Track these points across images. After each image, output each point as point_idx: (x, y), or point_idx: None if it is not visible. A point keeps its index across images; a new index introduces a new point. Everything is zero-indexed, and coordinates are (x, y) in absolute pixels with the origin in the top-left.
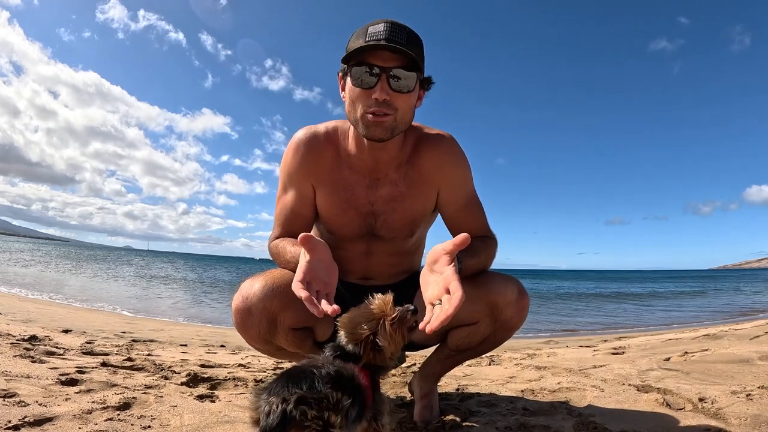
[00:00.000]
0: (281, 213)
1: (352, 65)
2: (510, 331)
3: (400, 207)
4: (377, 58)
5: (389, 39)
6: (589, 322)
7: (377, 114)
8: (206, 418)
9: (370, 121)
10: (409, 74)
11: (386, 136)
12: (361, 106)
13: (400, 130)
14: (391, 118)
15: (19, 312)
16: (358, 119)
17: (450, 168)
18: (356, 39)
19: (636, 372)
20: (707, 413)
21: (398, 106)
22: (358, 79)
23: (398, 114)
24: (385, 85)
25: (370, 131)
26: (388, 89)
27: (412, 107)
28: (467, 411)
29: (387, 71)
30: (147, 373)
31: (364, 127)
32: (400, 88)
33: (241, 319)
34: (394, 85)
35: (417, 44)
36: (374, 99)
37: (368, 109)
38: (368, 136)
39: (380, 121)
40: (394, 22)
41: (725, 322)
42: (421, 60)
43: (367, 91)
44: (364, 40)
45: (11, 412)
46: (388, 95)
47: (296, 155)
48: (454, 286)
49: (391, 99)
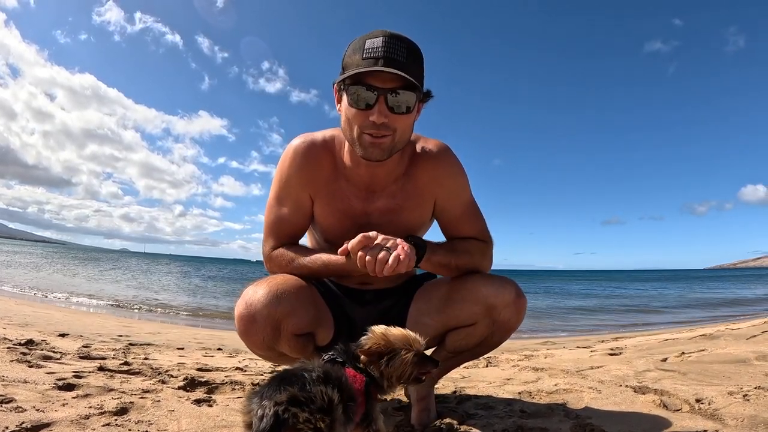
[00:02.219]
0: (276, 223)
1: (348, 83)
2: (508, 332)
3: (397, 219)
4: (375, 79)
5: (387, 56)
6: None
7: (375, 136)
8: (204, 422)
9: (368, 142)
10: (408, 94)
11: (384, 156)
12: (358, 127)
13: (398, 149)
14: (390, 139)
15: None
16: (355, 139)
17: (447, 179)
18: (353, 53)
19: (633, 373)
20: (704, 414)
21: (397, 127)
22: (355, 100)
23: (396, 134)
24: (383, 107)
25: (367, 152)
26: (386, 111)
27: (410, 126)
28: (464, 414)
29: (385, 92)
30: (144, 377)
31: (361, 148)
32: (399, 110)
33: (245, 326)
34: (392, 106)
35: (416, 58)
36: (372, 122)
37: (366, 130)
38: (365, 157)
39: (378, 142)
40: (392, 34)
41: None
42: (420, 77)
43: (365, 112)
44: (362, 56)
45: (8, 418)
46: (386, 117)
47: (293, 164)
48: None
49: (389, 121)
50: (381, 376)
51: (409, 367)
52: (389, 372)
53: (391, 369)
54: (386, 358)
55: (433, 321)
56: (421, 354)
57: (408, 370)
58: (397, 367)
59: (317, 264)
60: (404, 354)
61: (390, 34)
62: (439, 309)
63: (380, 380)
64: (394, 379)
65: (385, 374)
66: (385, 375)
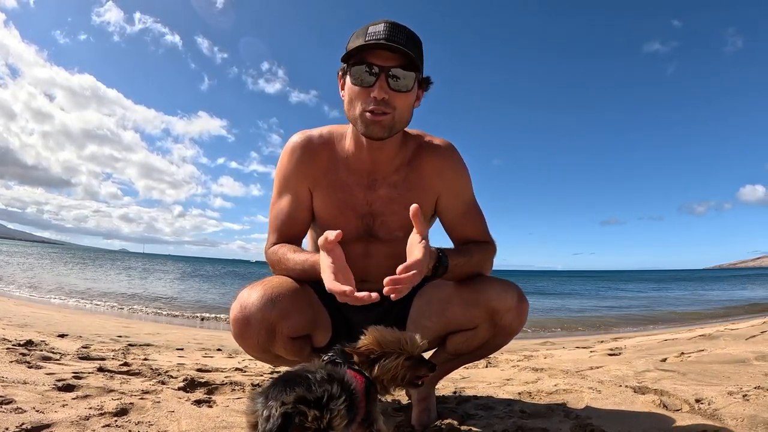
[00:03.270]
0: (276, 218)
1: (351, 64)
2: (509, 336)
3: (399, 209)
4: (376, 57)
5: (389, 39)
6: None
7: (375, 113)
8: (204, 423)
9: (369, 119)
10: (407, 74)
11: (384, 134)
12: (360, 105)
13: (398, 129)
14: (389, 117)
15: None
16: (357, 117)
17: (450, 174)
18: (356, 39)
19: (633, 373)
20: (704, 414)
21: (396, 105)
22: (357, 78)
23: (396, 113)
24: (384, 83)
25: (368, 129)
26: (387, 88)
27: (410, 106)
28: (465, 414)
29: (386, 70)
30: (144, 378)
31: (362, 125)
32: (398, 88)
33: (239, 329)
34: (392, 84)
35: (416, 44)
36: (373, 97)
37: (367, 108)
38: (367, 134)
39: (378, 119)
40: (393, 22)
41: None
42: (420, 60)
43: (366, 90)
44: (364, 40)
45: (8, 419)
46: (386, 94)
47: (291, 159)
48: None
49: (389, 98)
50: (375, 379)
51: (401, 370)
52: (380, 374)
53: (382, 371)
54: (378, 360)
55: (434, 323)
56: (415, 357)
57: (400, 374)
58: (388, 370)
59: (297, 270)
60: (395, 357)
61: (392, 22)
62: (440, 312)
63: (375, 382)
64: (386, 381)
65: (376, 376)
66: (377, 377)
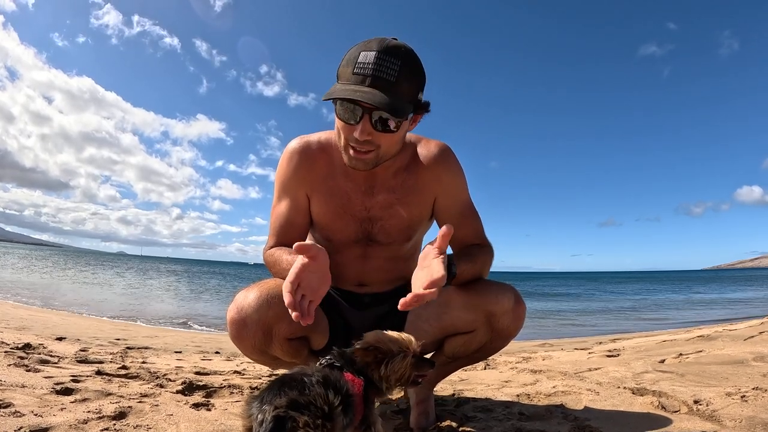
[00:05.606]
0: (276, 222)
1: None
2: (506, 339)
3: (398, 213)
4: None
5: (376, 75)
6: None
7: (359, 150)
8: (202, 426)
9: (352, 155)
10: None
11: (368, 168)
12: (344, 138)
13: (384, 161)
14: (373, 154)
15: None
16: (342, 148)
17: (447, 176)
18: (346, 65)
19: (631, 375)
20: (702, 415)
21: (381, 143)
22: (341, 113)
23: (381, 150)
24: (367, 125)
25: (351, 163)
26: (370, 128)
27: (397, 142)
28: (463, 416)
29: (370, 111)
30: (142, 381)
31: (347, 157)
32: (383, 129)
33: (236, 330)
34: (377, 126)
35: (410, 73)
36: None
37: (351, 142)
38: (350, 166)
39: (362, 157)
40: (388, 48)
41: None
42: (413, 93)
43: (350, 127)
44: (352, 70)
45: (7, 423)
46: (369, 135)
47: (290, 164)
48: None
49: (373, 138)
50: (380, 379)
51: (408, 369)
52: (387, 374)
53: (390, 371)
54: (385, 360)
55: (432, 327)
56: (417, 356)
57: (407, 372)
58: (396, 370)
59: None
60: (402, 357)
61: (386, 47)
62: (438, 315)
63: (379, 383)
64: (392, 381)
65: (384, 377)
66: (384, 377)
